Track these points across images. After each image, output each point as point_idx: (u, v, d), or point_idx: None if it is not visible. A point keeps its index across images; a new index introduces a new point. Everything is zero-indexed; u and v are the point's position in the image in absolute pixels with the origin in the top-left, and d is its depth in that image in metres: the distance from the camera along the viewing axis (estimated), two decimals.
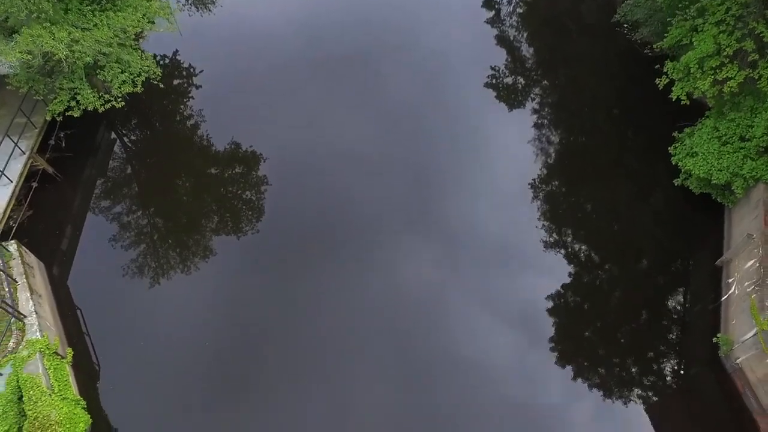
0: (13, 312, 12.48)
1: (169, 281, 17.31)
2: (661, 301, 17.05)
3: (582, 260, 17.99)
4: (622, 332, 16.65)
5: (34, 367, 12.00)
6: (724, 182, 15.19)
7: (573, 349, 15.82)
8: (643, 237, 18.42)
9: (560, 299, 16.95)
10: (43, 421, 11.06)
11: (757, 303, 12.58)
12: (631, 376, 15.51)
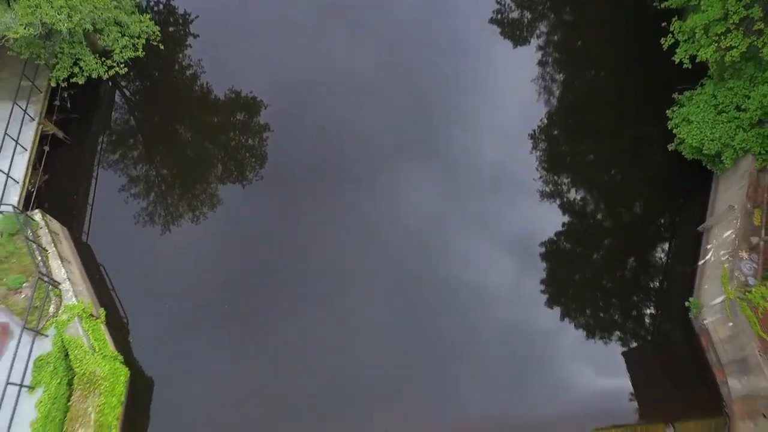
0: (49, 281, 13.82)
1: (180, 226, 18.58)
2: (645, 257, 18.59)
3: (574, 208, 19.28)
4: (608, 279, 18.42)
5: (74, 329, 13.56)
6: (715, 152, 15.89)
7: (561, 290, 17.64)
8: (634, 194, 19.61)
9: (552, 244, 18.50)
10: (90, 377, 12.80)
11: (728, 272, 13.92)
12: (612, 321, 17.44)
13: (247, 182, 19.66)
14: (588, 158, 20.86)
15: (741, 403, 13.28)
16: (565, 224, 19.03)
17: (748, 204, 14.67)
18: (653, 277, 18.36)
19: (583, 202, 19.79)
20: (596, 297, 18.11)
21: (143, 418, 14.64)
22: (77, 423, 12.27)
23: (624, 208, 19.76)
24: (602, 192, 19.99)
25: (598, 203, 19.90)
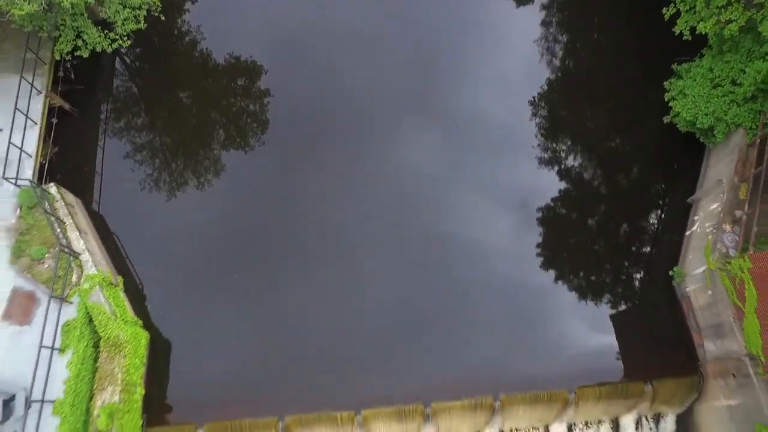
0: (69, 252, 14.75)
1: (187, 191, 19.40)
2: (636, 224, 19.59)
3: (571, 174, 20.15)
4: (600, 244, 19.53)
5: (96, 297, 14.61)
6: (708, 126, 16.42)
7: (556, 252, 18.71)
8: (629, 163, 20.39)
9: (549, 207, 19.42)
10: (114, 340, 13.96)
11: (712, 244, 14.82)
12: (602, 284, 18.63)
13: (248, 146, 20.39)
14: (586, 125, 21.43)
15: (714, 364, 14.51)
16: (561, 189, 19.91)
17: (736, 178, 15.37)
18: (643, 244, 19.37)
19: (579, 168, 20.57)
20: (588, 261, 19.20)
21: (163, 376, 15.96)
22: (106, 382, 13.53)
23: (619, 176, 20.56)
24: (598, 159, 20.75)
25: (594, 170, 20.69)
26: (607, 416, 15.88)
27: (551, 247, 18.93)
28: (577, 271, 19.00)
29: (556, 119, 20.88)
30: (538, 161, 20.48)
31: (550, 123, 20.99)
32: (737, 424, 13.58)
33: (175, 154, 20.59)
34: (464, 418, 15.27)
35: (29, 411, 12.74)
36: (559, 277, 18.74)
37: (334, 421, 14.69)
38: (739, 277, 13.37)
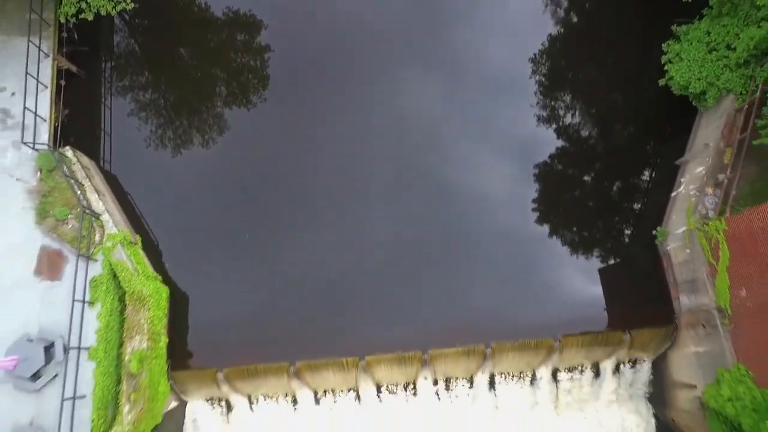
0: (91, 213, 15.87)
1: (194, 147, 20.36)
2: (628, 183, 20.73)
3: (569, 130, 20.93)
4: (593, 200, 20.80)
5: (118, 255, 15.88)
6: (700, 91, 17.06)
7: (550, 205, 19.95)
8: (625, 122, 21.27)
9: (545, 162, 20.36)
10: (138, 295, 15.37)
11: (693, 206, 15.90)
12: (591, 239, 20.02)
13: (250, 101, 21.05)
14: (584, 83, 22.06)
15: (687, 315, 16.00)
16: (557, 143, 20.88)
17: (722, 143, 16.21)
18: (633, 203, 20.55)
19: (576, 124, 21.46)
20: (580, 216, 20.47)
21: (183, 327, 17.58)
22: (133, 331, 15.06)
23: (613, 134, 21.50)
24: (595, 117, 21.59)
25: (590, 127, 21.59)
26: (589, 361, 17.57)
27: (546, 200, 20.12)
28: (569, 226, 20.27)
29: (556, 75, 21.49)
30: (537, 117, 21.33)
31: (549, 79, 21.64)
32: (703, 368, 15.23)
33: (180, 111, 21.40)
34: (458, 363, 16.96)
35: (67, 356, 14.31)
36: (552, 231, 20.02)
37: (340, 366, 16.37)
38: (714, 237, 14.55)
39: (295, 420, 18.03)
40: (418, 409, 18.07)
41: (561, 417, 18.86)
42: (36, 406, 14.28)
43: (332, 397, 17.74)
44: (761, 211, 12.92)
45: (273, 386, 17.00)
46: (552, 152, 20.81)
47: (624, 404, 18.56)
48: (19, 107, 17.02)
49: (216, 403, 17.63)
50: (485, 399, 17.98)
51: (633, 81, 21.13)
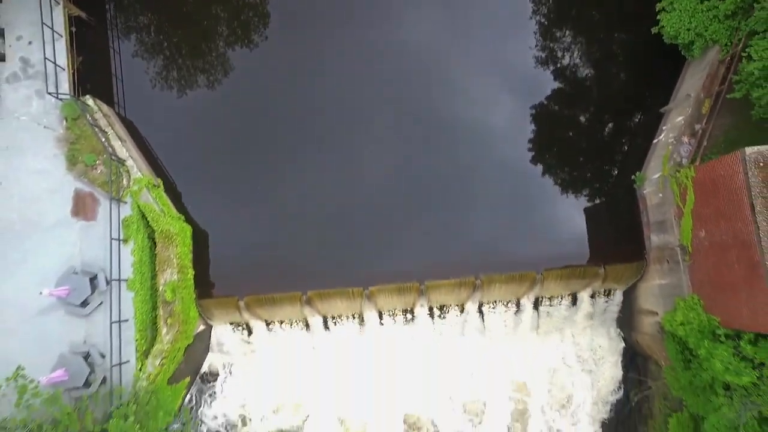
0: (116, 159, 17.56)
1: (202, 88, 21.76)
2: (616, 127, 22.30)
3: (565, 73, 22.13)
4: (583, 142, 22.40)
5: (145, 197, 17.76)
6: (688, 41, 18.07)
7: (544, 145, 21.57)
8: (617, 67, 22.41)
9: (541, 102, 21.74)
10: (166, 233, 17.42)
11: (670, 153, 17.55)
12: (581, 178, 21.81)
13: (251, 39, 22.05)
14: (583, 25, 22.95)
15: (655, 252, 18.17)
16: (552, 84, 22.19)
17: (702, 93, 17.54)
18: (619, 147, 22.16)
19: (572, 66, 22.63)
20: (571, 155, 22.13)
21: (205, 261, 19.82)
22: (165, 265, 17.29)
23: (608, 78, 22.68)
24: (590, 60, 22.69)
25: (585, 70, 22.71)
26: (568, 292, 20.00)
27: (539, 139, 21.69)
28: (560, 166, 22.00)
29: (556, 15, 22.26)
30: (536, 58, 22.44)
31: (549, 19, 22.49)
32: (664, 298, 17.63)
33: (186, 53, 22.52)
34: (451, 293, 19.39)
35: (110, 287, 16.62)
36: (544, 170, 21.80)
37: (347, 296, 18.79)
38: (684, 183, 16.36)
39: (308, 341, 20.82)
40: (415, 332, 20.80)
41: (541, 339, 21.69)
42: (86, 328, 16.80)
43: (340, 322, 20.37)
44: (724, 160, 14.62)
45: (287, 312, 19.54)
46: (547, 92, 22.15)
47: (597, 328, 21.29)
48: (37, 56, 18.17)
49: (237, 326, 20.29)
50: (475, 324, 20.63)
51: (630, 27, 21.96)
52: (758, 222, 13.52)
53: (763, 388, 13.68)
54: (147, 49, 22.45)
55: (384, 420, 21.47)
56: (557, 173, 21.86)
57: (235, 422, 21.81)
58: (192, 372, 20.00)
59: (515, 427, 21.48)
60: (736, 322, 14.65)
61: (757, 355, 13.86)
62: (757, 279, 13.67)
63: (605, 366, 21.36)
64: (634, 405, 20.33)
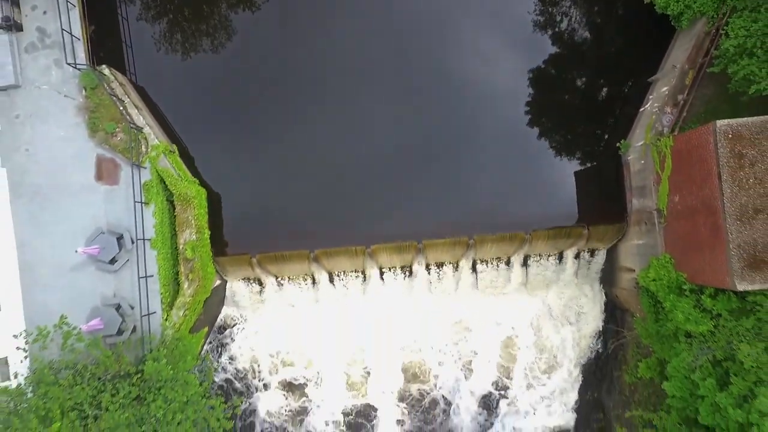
0: (134, 127, 18.92)
1: (209, 50, 22.77)
2: (608, 95, 23.39)
3: (563, 37, 23.13)
4: (576, 108, 23.55)
5: (162, 163, 19.23)
6: (677, 12, 18.99)
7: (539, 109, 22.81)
8: (612, 36, 23.27)
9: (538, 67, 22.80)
10: (184, 196, 19.02)
11: (653, 122, 18.89)
12: (574, 142, 23.16)
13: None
14: None
15: (635, 214, 19.85)
16: (550, 49, 23.21)
17: (687, 65, 18.67)
18: (610, 113, 23.38)
19: (570, 30, 23.51)
20: (564, 120, 23.36)
21: (219, 221, 21.53)
22: (184, 226, 18.99)
23: (601, 46, 23.64)
24: (587, 26, 23.50)
25: (580, 38, 23.67)
26: (555, 250, 21.83)
27: (535, 103, 22.86)
28: (554, 130, 23.30)
29: None
30: (534, 22, 23.37)
31: None
32: (641, 257, 19.45)
33: (190, 16, 23.32)
34: (446, 251, 21.22)
35: (136, 246, 18.40)
36: (540, 134, 23.14)
37: (351, 254, 20.62)
38: (663, 151, 17.82)
39: (314, 295, 22.86)
40: (413, 287, 22.81)
41: (530, 293, 23.75)
42: (115, 283, 18.72)
43: (344, 277, 22.33)
44: (698, 131, 16.04)
45: (296, 269, 21.45)
46: (544, 56, 23.18)
47: (581, 284, 23.30)
48: (53, 25, 19.18)
49: (250, 281, 22.26)
50: (468, 279, 22.60)
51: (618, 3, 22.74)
52: (723, 189, 15.11)
53: (718, 335, 15.69)
54: (153, 15, 23.33)
55: (384, 368, 23.89)
56: (551, 137, 23.21)
57: (247, 369, 24.24)
58: (209, 322, 22.14)
59: (504, 370, 23.90)
60: (699, 279, 16.52)
61: (715, 307, 15.80)
62: (719, 241, 15.41)
63: (587, 318, 23.54)
64: (610, 352, 22.63)
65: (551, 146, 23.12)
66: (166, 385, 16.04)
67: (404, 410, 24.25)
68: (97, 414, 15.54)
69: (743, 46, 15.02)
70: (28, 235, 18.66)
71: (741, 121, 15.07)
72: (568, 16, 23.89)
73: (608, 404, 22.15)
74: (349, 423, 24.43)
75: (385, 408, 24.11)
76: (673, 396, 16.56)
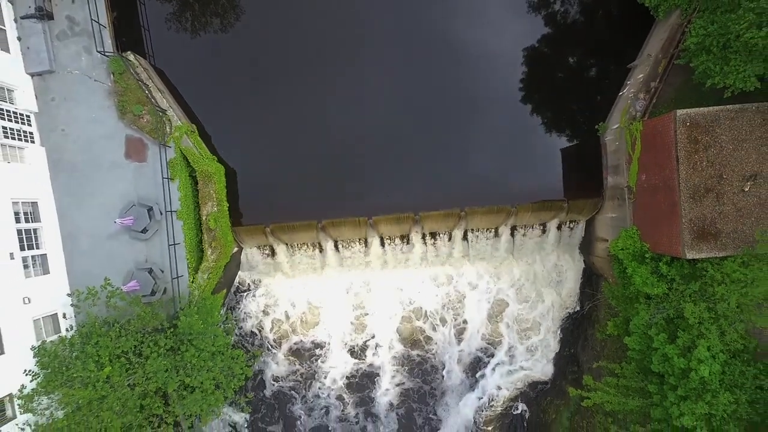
0: (159, 110, 21.17)
1: (220, 31, 24.69)
2: (594, 79, 25.41)
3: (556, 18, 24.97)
4: (564, 88, 25.59)
5: (185, 142, 21.59)
6: (655, 4, 20.89)
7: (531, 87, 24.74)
8: (599, 22, 25.04)
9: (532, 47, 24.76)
10: (205, 172, 21.47)
11: (628, 107, 21.11)
12: (560, 122, 25.22)
13: None
14: None
15: (610, 191, 22.31)
16: (543, 31, 25.03)
17: (660, 54, 20.73)
18: (596, 95, 25.44)
19: (563, 15, 25.35)
20: (552, 102, 25.38)
21: (235, 195, 24.02)
22: (206, 199, 21.53)
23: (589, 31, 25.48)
24: (576, 13, 25.32)
25: (573, 20, 25.48)
26: (538, 221, 24.40)
27: (527, 83, 24.78)
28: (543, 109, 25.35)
29: None
30: (528, 3, 25.15)
31: None
32: (613, 228, 22.04)
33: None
34: (440, 222, 23.80)
35: (164, 217, 20.97)
36: (531, 110, 25.18)
37: (355, 224, 23.21)
38: (634, 135, 20.13)
39: (321, 260, 25.60)
40: (410, 253, 25.51)
41: (516, 260, 26.47)
42: (147, 250, 21.39)
43: (348, 245, 25.02)
44: (662, 119, 18.33)
45: (305, 237, 24.09)
46: (537, 37, 25.06)
47: (562, 252, 26.00)
48: (80, 14, 21.20)
49: (263, 248, 24.96)
50: (460, 247, 25.28)
51: None
52: (680, 171, 17.55)
53: (671, 297, 18.46)
54: None
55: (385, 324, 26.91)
56: (540, 115, 25.30)
57: (261, 325, 27.25)
58: (227, 285, 24.99)
59: (492, 329, 26.93)
60: (659, 248, 19.16)
61: (670, 273, 18.51)
62: (675, 216, 17.96)
63: (567, 282, 26.37)
64: (586, 312, 25.55)
65: (540, 123, 25.25)
66: (197, 337, 18.94)
67: (401, 367, 27.46)
68: (140, 361, 18.49)
69: (702, 44, 17.12)
70: (68, 208, 21.23)
71: (698, 111, 17.36)
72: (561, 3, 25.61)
73: (582, 358, 25.22)
74: (352, 383, 27.70)
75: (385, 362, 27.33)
76: (633, 349, 19.45)
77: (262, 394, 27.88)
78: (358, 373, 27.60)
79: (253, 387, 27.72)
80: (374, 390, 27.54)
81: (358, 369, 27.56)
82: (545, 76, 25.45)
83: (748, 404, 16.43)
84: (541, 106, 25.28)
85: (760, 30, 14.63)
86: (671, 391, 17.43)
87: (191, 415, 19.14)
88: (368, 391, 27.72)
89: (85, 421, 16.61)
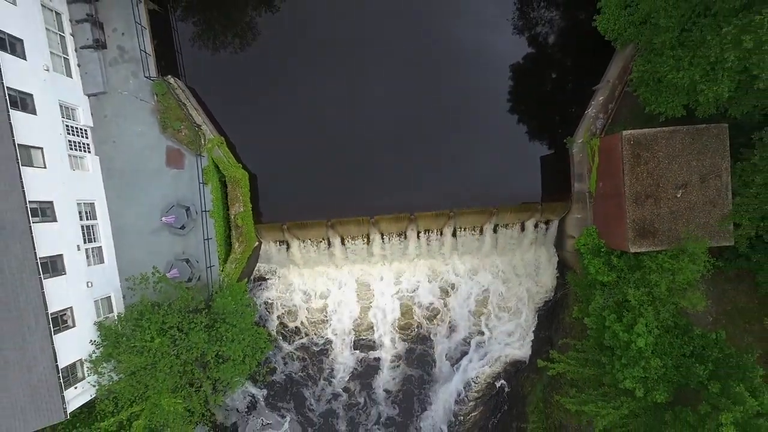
0: (195, 125, 25.48)
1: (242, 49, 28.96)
2: (575, 93, 29.56)
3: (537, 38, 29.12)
4: (544, 103, 29.71)
5: (216, 153, 25.90)
6: (614, 38, 25.10)
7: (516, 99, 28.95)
8: (576, 48, 29.21)
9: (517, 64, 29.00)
10: (234, 178, 25.79)
11: (589, 125, 25.36)
12: (540, 133, 29.38)
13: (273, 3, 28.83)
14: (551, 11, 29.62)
15: (576, 195, 26.60)
16: (528, 50, 29.13)
17: (617, 80, 24.98)
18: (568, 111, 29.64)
19: (545, 34, 29.47)
20: (533, 115, 29.51)
21: (256, 197, 28.32)
22: (234, 201, 25.85)
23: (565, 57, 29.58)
24: (560, 36, 29.47)
25: (554, 40, 29.61)
26: (518, 221, 28.68)
27: (512, 97, 28.99)
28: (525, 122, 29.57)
29: None
30: (513, 26, 29.32)
31: None
32: (578, 227, 26.34)
33: (223, 22, 29.34)
34: (433, 221, 28.11)
35: (199, 216, 25.28)
36: (517, 121, 29.39)
37: (358, 222, 27.52)
38: (594, 149, 24.40)
39: (329, 253, 29.93)
40: (407, 248, 29.82)
41: (499, 254, 30.77)
42: (183, 244, 25.72)
43: (353, 240, 29.33)
44: (613, 137, 22.58)
45: (316, 233, 28.39)
46: (521, 56, 29.17)
47: (539, 248, 30.29)
48: (129, 44, 25.46)
49: (279, 243, 29.29)
50: (450, 243, 29.58)
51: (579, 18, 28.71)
52: (625, 181, 21.81)
53: (620, 284, 22.74)
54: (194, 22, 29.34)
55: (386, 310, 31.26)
56: (520, 128, 29.52)
57: (277, 309, 31.60)
58: (248, 274, 29.31)
59: (477, 314, 31.26)
60: (612, 244, 23.45)
61: (619, 264, 22.82)
62: (622, 217, 22.23)
63: (543, 274, 30.67)
64: (558, 299, 29.85)
65: (521, 134, 29.50)
66: (230, 315, 23.29)
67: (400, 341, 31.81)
68: (181, 336, 22.84)
69: (641, 78, 21.36)
70: (118, 207, 25.54)
71: (640, 132, 21.62)
72: (542, 25, 29.81)
73: (555, 339, 29.53)
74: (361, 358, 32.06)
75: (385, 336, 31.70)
76: (591, 328, 23.77)
77: (274, 372, 32.32)
78: (360, 343, 32.00)
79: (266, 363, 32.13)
80: (376, 363, 31.94)
81: (359, 340, 31.94)
82: (526, 92, 29.63)
83: (674, 368, 20.73)
84: (523, 119, 29.53)
85: (678, 72, 18.87)
86: (617, 361, 21.72)
87: (223, 381, 23.50)
88: (371, 362, 32.10)
89: (144, 380, 20.97)
